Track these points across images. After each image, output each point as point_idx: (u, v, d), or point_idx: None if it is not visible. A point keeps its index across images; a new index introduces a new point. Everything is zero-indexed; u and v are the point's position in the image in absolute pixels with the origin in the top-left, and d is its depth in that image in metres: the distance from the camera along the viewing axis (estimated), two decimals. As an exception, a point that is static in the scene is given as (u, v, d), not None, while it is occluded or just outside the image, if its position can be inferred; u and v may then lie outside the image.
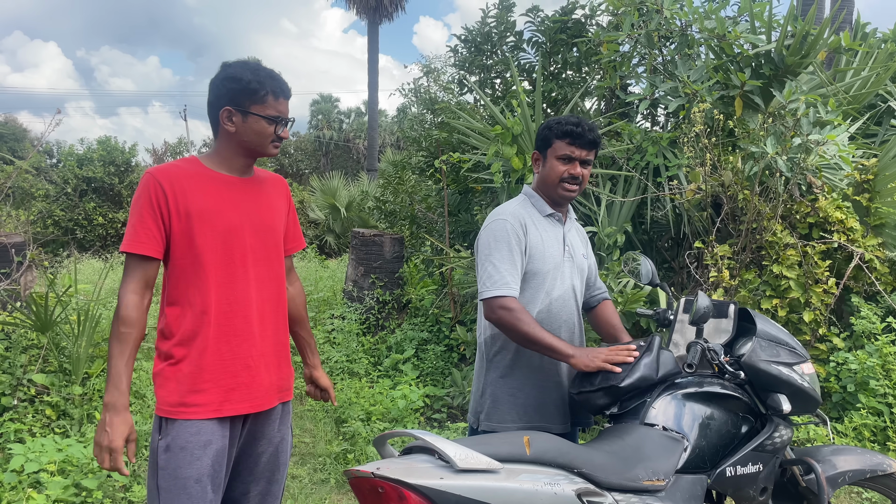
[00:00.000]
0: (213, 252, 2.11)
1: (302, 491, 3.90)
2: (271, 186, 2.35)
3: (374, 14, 27.34)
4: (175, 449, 2.01)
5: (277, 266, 2.28)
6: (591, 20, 6.45)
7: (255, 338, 2.17)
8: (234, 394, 2.12)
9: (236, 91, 2.12)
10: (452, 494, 1.59)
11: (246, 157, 2.22)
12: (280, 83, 2.18)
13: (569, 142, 2.42)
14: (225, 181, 2.19)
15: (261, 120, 2.14)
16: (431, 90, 8.07)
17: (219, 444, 2.07)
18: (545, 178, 2.49)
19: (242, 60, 2.23)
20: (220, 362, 2.10)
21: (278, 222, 2.31)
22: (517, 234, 2.38)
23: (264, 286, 2.22)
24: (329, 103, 45.76)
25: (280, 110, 2.18)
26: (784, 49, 4.93)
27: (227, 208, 2.16)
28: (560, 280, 2.48)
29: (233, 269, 2.15)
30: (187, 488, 1.99)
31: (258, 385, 2.17)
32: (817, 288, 4.54)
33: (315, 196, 16.41)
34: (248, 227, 2.19)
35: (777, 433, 2.29)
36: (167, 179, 2.09)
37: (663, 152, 5.21)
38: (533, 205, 2.53)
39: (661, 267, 5.74)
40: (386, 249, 6.69)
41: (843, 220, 4.68)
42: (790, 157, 4.66)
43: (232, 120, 2.14)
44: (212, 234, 2.11)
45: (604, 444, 2.03)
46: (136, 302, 2.03)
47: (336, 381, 5.49)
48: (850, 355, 4.56)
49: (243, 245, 2.17)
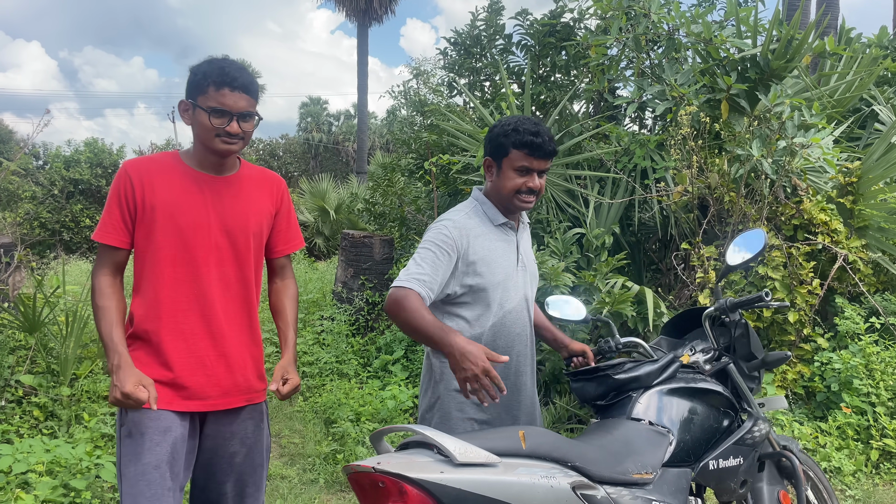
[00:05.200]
0: (172, 248, 2.11)
1: (291, 491, 3.90)
2: (257, 186, 2.29)
3: (364, 16, 27.33)
4: (136, 435, 2.04)
5: (248, 268, 2.23)
6: (579, 24, 6.51)
7: (215, 337, 2.16)
8: (189, 391, 2.12)
9: (189, 83, 2.11)
10: (452, 488, 1.60)
11: (209, 153, 2.16)
12: (226, 74, 2.07)
13: (527, 153, 2.23)
14: (197, 178, 2.17)
15: (202, 112, 2.08)
16: (421, 92, 8.10)
17: (178, 432, 2.08)
18: (500, 188, 2.30)
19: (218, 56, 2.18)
20: (175, 359, 2.11)
21: (255, 223, 2.24)
22: (455, 244, 2.20)
23: (229, 287, 2.19)
24: (318, 106, 45.68)
25: (223, 102, 2.06)
26: (769, 53, 5.00)
27: (193, 205, 2.13)
28: (513, 291, 2.34)
29: (194, 267, 2.13)
30: (146, 474, 2.00)
31: (215, 385, 2.16)
32: (802, 289, 4.60)
33: (304, 198, 16.36)
34: (216, 226, 2.16)
35: (756, 427, 2.36)
36: (137, 172, 2.12)
37: (651, 155, 5.26)
38: (485, 212, 2.35)
39: (648, 268, 5.79)
40: (375, 251, 6.70)
41: (828, 222, 4.74)
42: (775, 160, 4.72)
43: (186, 113, 2.13)
44: (172, 229, 2.11)
45: (594, 439, 2.06)
46: (107, 281, 2.12)
47: (325, 381, 5.49)
48: (834, 355, 4.62)
49: (208, 244, 2.15)
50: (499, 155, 2.29)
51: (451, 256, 2.19)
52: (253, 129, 2.19)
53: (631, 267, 5.56)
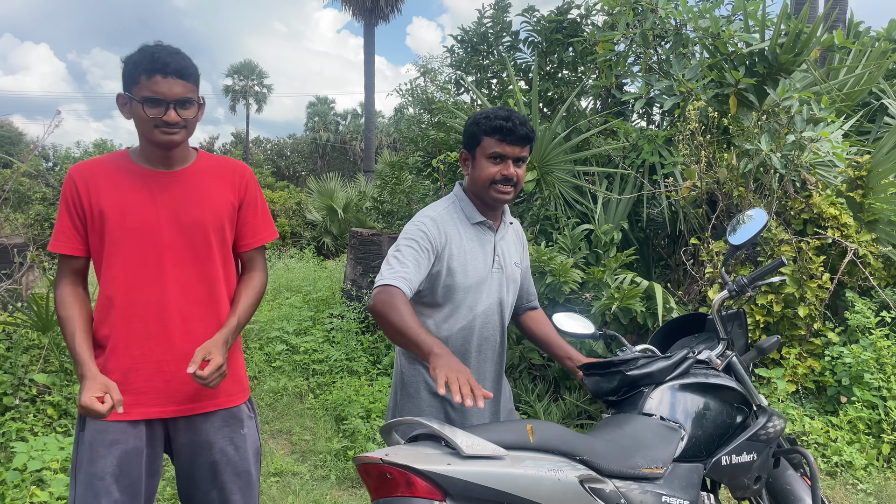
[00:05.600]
0: (123, 252, 2.03)
1: (303, 487, 3.92)
2: (216, 177, 2.16)
3: (371, 15, 27.34)
4: (86, 444, 2.02)
5: (211, 266, 2.12)
6: (586, 20, 6.50)
7: (174, 341, 2.07)
8: (145, 397, 2.05)
9: (122, 75, 1.99)
10: (460, 480, 1.62)
11: (153, 147, 2.05)
12: (156, 60, 1.94)
13: (499, 138, 2.17)
14: (145, 175, 2.07)
15: (136, 103, 1.96)
16: (428, 90, 8.10)
17: (129, 444, 2.02)
18: (475, 179, 2.23)
19: (150, 43, 2.02)
20: (130, 364, 2.05)
21: (213, 218, 2.12)
22: (434, 240, 2.16)
23: (189, 288, 2.09)
24: (325, 105, 45.80)
25: (156, 90, 1.94)
26: (777, 47, 4.98)
27: (142, 205, 2.04)
28: (486, 294, 2.28)
29: (145, 269, 2.04)
30: (92, 484, 1.99)
31: (175, 390, 2.08)
32: (812, 283, 4.59)
33: (312, 198, 16.42)
34: (168, 225, 2.06)
35: (770, 423, 2.34)
36: (82, 177, 2.04)
37: (659, 150, 5.26)
38: (462, 209, 2.29)
39: (657, 264, 5.78)
40: (384, 249, 6.71)
41: (837, 216, 4.72)
42: (784, 155, 4.71)
43: (125, 107, 2.03)
44: (121, 232, 2.03)
45: (604, 433, 2.07)
46: (68, 290, 2.07)
47: (335, 379, 5.52)
48: (844, 349, 4.61)
49: (159, 244, 2.05)
50: (472, 145, 2.24)
51: (430, 255, 2.15)
52: (196, 117, 2.06)
53: (640, 263, 5.56)
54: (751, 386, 2.44)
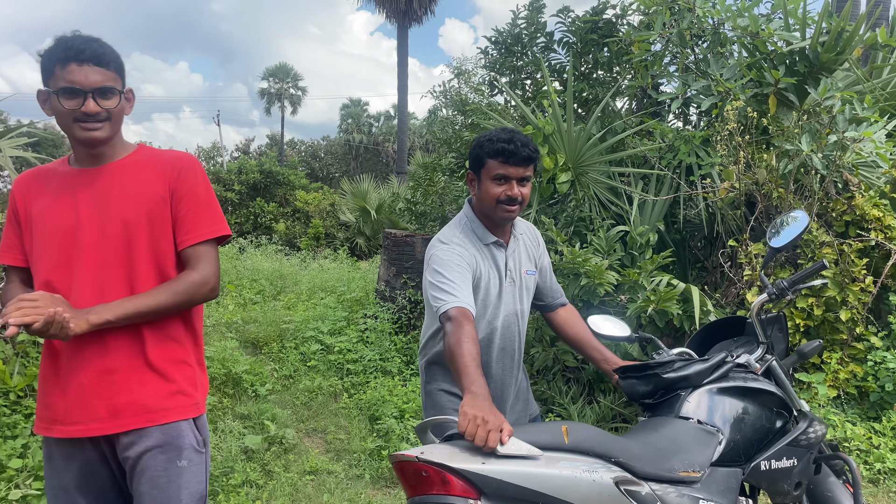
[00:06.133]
0: (44, 257, 1.91)
1: (338, 486, 3.96)
2: (144, 169, 1.96)
3: (404, 17, 27.49)
4: (46, 459, 1.99)
5: (140, 265, 1.92)
6: (622, 20, 6.45)
7: (90, 351, 1.87)
8: (64, 414, 1.89)
9: (41, 70, 1.85)
10: (494, 479, 1.62)
11: (77, 144, 1.92)
12: (70, 48, 1.80)
13: (502, 160, 2.25)
14: (70, 176, 1.95)
15: (53, 96, 1.83)
16: (462, 92, 8.11)
17: (84, 456, 1.94)
18: (482, 200, 2.33)
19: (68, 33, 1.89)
20: (53, 379, 1.92)
21: (133, 213, 1.91)
22: (470, 264, 2.28)
23: (109, 292, 1.89)
24: (358, 107, 46.15)
25: (71, 80, 1.80)
26: (819, 46, 4.89)
27: (63, 207, 1.91)
28: (503, 308, 2.41)
29: (64, 274, 1.89)
30: (57, 497, 1.97)
31: (94, 407, 1.87)
32: (854, 286, 4.49)
33: (345, 199, 16.57)
34: (88, 226, 1.89)
35: (811, 429, 2.30)
36: (19, 185, 1.99)
37: (696, 151, 5.19)
38: (474, 232, 2.39)
39: (693, 266, 5.71)
40: (417, 250, 6.74)
41: (881, 218, 4.61)
42: (826, 155, 4.61)
43: (46, 104, 1.88)
44: (41, 237, 1.91)
45: (640, 436, 2.06)
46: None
47: (369, 379, 5.56)
48: (888, 354, 4.49)
49: (79, 247, 1.89)
50: (477, 167, 2.34)
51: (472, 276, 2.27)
52: (119, 107, 1.90)
53: (676, 265, 5.49)
54: (791, 390, 2.40)
